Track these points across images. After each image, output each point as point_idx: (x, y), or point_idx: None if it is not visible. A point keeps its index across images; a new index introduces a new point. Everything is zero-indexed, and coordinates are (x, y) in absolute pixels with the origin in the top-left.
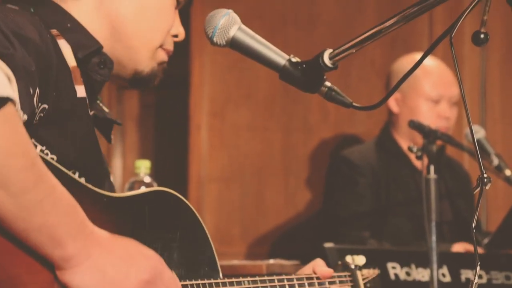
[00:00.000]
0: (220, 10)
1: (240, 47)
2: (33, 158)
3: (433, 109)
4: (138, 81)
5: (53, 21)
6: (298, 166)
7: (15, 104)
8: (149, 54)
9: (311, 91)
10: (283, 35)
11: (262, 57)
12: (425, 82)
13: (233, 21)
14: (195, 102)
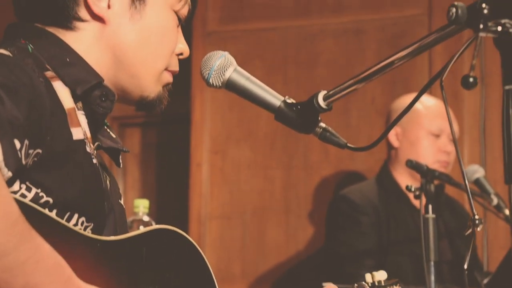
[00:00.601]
0: (216, 52)
1: (235, 88)
2: (15, 219)
3: (434, 143)
4: (145, 106)
5: (52, 55)
6: (299, 204)
7: None
8: (154, 80)
9: (306, 131)
10: (283, 74)
11: (258, 99)
12: (425, 116)
13: (229, 63)
14: (196, 139)
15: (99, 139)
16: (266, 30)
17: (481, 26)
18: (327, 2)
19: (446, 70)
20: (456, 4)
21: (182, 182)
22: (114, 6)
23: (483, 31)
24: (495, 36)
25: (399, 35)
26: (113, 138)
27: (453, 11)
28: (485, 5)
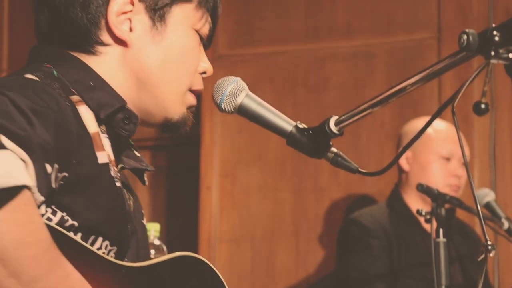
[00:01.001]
0: (228, 77)
1: (247, 113)
2: (46, 246)
3: (444, 167)
4: (169, 128)
5: (75, 80)
6: (309, 227)
7: (31, 190)
8: (178, 101)
9: (318, 156)
10: (293, 98)
11: (269, 124)
12: (436, 140)
13: (240, 88)
14: (206, 162)
15: (123, 160)
16: (276, 53)
17: (492, 53)
18: (337, 25)
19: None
20: (467, 31)
21: (192, 206)
22: (136, 29)
23: (494, 58)
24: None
25: (409, 59)
26: (138, 157)
27: (464, 38)
28: (496, 32)
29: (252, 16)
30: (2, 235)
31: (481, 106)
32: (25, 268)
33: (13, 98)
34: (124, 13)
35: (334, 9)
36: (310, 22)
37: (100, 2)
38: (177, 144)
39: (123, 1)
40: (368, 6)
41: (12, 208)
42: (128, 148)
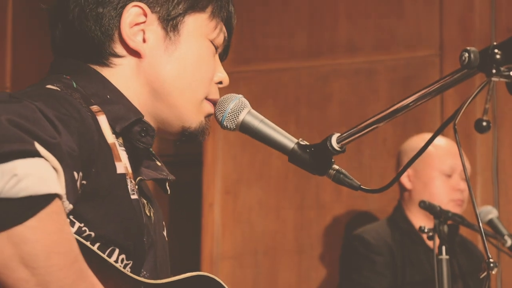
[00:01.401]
0: (230, 95)
1: (249, 131)
2: (75, 256)
3: (447, 183)
4: (187, 137)
5: (93, 92)
6: (312, 245)
7: (61, 198)
8: (194, 109)
9: (320, 173)
10: (295, 114)
11: (271, 141)
12: (437, 156)
13: (242, 106)
14: (208, 180)
15: (142, 172)
16: (278, 70)
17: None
18: (339, 42)
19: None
20: (469, 49)
21: (194, 223)
22: (149, 39)
23: (495, 76)
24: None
25: (411, 76)
26: (158, 167)
27: (465, 55)
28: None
29: (255, 33)
30: (34, 243)
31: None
32: (54, 278)
33: (40, 106)
34: (137, 24)
35: (337, 27)
36: (313, 39)
37: (113, 15)
38: (180, 161)
39: (136, 12)
40: (371, 23)
41: (45, 216)
42: (149, 158)
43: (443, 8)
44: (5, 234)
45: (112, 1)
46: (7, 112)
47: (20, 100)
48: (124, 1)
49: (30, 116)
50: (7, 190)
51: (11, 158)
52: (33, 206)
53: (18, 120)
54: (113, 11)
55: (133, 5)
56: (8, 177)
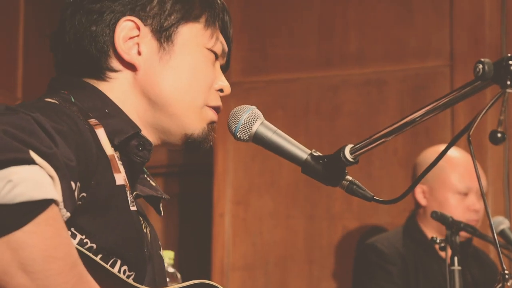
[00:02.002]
0: (243, 106)
1: (262, 142)
2: (73, 261)
3: (462, 202)
4: (190, 145)
5: (91, 107)
6: (322, 254)
7: (58, 205)
8: (195, 116)
9: (333, 184)
10: (305, 125)
11: (284, 152)
12: (452, 175)
13: (256, 117)
14: (218, 190)
15: (138, 188)
16: (288, 81)
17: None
18: (349, 53)
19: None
20: (483, 61)
21: (205, 233)
22: (144, 52)
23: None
24: None
25: (421, 86)
26: (153, 186)
27: (480, 67)
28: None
29: (265, 43)
30: (31, 248)
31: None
32: (52, 282)
33: (37, 118)
34: (131, 38)
35: (347, 37)
36: (323, 50)
37: (107, 31)
38: (190, 171)
39: (129, 26)
40: (381, 33)
41: (42, 221)
42: (143, 176)
43: (454, 19)
44: (3, 240)
45: (105, 18)
46: (2, 123)
47: (16, 111)
48: (116, 17)
49: (25, 126)
50: (2, 196)
51: (5, 166)
52: (29, 211)
53: (12, 130)
54: (106, 28)
55: (125, 19)
56: (3, 183)
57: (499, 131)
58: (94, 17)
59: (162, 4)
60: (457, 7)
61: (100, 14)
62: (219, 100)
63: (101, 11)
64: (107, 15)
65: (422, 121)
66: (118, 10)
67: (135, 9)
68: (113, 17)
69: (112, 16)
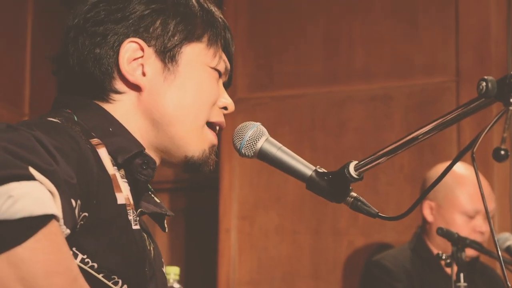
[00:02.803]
0: (248, 123)
1: (267, 158)
2: (75, 275)
3: (468, 223)
4: (191, 167)
5: (95, 125)
6: (328, 270)
7: (58, 220)
8: (196, 138)
9: (337, 201)
10: (311, 141)
11: (289, 168)
12: (462, 196)
13: (260, 133)
14: (224, 205)
15: (142, 205)
16: (294, 97)
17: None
18: (355, 68)
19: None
20: (486, 78)
21: (211, 248)
22: (148, 72)
23: None
24: None
25: (427, 102)
26: (157, 203)
27: (483, 85)
28: None
29: (271, 59)
30: (32, 263)
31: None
32: None
33: (37, 136)
34: (136, 59)
35: (352, 53)
36: (328, 66)
37: (111, 53)
38: (196, 187)
39: (132, 48)
40: (387, 49)
41: (42, 237)
42: (148, 194)
43: (459, 34)
44: (4, 256)
45: (108, 40)
46: (2, 140)
47: (17, 129)
48: (120, 39)
49: (25, 144)
50: (3, 212)
51: (5, 182)
52: (30, 227)
53: (12, 147)
54: (110, 50)
55: (129, 41)
56: (4, 199)
57: (502, 148)
58: (97, 40)
59: (165, 25)
60: (463, 23)
61: (103, 36)
62: (222, 116)
63: (105, 34)
64: (110, 37)
65: (427, 137)
66: (121, 32)
67: (138, 30)
68: (117, 39)
69: (116, 38)
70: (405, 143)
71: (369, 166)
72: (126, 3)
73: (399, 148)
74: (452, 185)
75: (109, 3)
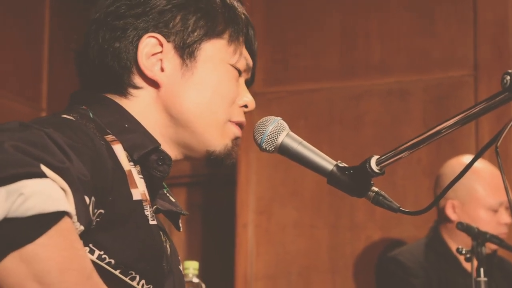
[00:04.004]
0: (269, 117)
1: (288, 153)
2: (89, 272)
3: (493, 217)
4: (213, 162)
5: (110, 122)
6: (346, 264)
7: (71, 217)
8: (217, 133)
9: (359, 195)
10: (328, 135)
11: (310, 163)
12: (484, 191)
13: (281, 128)
14: (241, 200)
15: (158, 202)
16: (311, 91)
17: None
18: (372, 63)
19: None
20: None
21: (228, 243)
22: (167, 68)
23: None
24: None
25: (445, 96)
26: (173, 202)
27: (507, 78)
28: None
29: (287, 53)
30: (46, 260)
31: None
32: None
33: (50, 133)
34: (154, 55)
35: (369, 47)
36: (345, 60)
37: (130, 48)
38: (213, 181)
39: (151, 43)
40: (403, 43)
41: (55, 233)
42: (163, 192)
43: (477, 28)
44: (17, 253)
45: (128, 35)
46: (13, 139)
47: (29, 127)
48: (139, 34)
49: (38, 142)
50: (14, 210)
51: (16, 179)
52: (42, 224)
53: (23, 146)
54: (129, 45)
55: (148, 36)
56: (15, 196)
57: None
58: (117, 34)
59: (185, 21)
60: (481, 16)
61: (123, 30)
62: (242, 116)
63: (125, 28)
64: (130, 32)
65: (449, 132)
66: (141, 27)
67: (158, 25)
68: (136, 34)
69: (135, 33)
70: (426, 138)
71: (390, 160)
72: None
73: (420, 143)
74: (472, 180)
75: None
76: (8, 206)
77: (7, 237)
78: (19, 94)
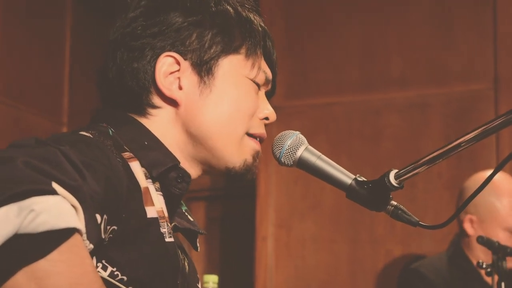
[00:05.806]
0: (288, 131)
1: (306, 167)
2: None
3: (510, 238)
4: (233, 178)
5: (130, 139)
6: (366, 279)
7: (81, 234)
8: (235, 149)
9: (378, 209)
10: (348, 149)
11: (329, 177)
12: (504, 212)
13: (300, 142)
14: (261, 213)
15: (176, 220)
16: (330, 104)
17: None
18: (391, 76)
19: None
20: None
21: (247, 256)
22: (185, 86)
23: None
24: None
25: (465, 110)
26: (191, 221)
27: None
28: None
29: (307, 67)
30: (57, 276)
31: None
32: None
33: (65, 151)
34: (172, 73)
35: (389, 60)
36: (365, 73)
37: (148, 68)
38: (232, 195)
39: (169, 62)
40: (423, 56)
41: (65, 250)
42: (182, 211)
43: (497, 41)
44: (28, 269)
45: (146, 54)
46: (27, 155)
47: (45, 144)
48: (157, 53)
49: (51, 159)
50: (25, 226)
51: (28, 196)
52: (53, 240)
53: (36, 162)
54: (147, 65)
55: (165, 55)
56: (26, 212)
57: None
58: (135, 54)
59: (201, 38)
60: (501, 28)
61: (141, 51)
62: (262, 128)
63: (142, 48)
64: (147, 52)
65: (469, 145)
66: (158, 46)
67: (175, 44)
68: (154, 54)
69: (152, 53)
70: (446, 152)
71: (409, 174)
72: (163, 17)
73: (440, 157)
74: (490, 196)
75: (146, 17)
76: (19, 222)
77: (18, 252)
78: (40, 108)
